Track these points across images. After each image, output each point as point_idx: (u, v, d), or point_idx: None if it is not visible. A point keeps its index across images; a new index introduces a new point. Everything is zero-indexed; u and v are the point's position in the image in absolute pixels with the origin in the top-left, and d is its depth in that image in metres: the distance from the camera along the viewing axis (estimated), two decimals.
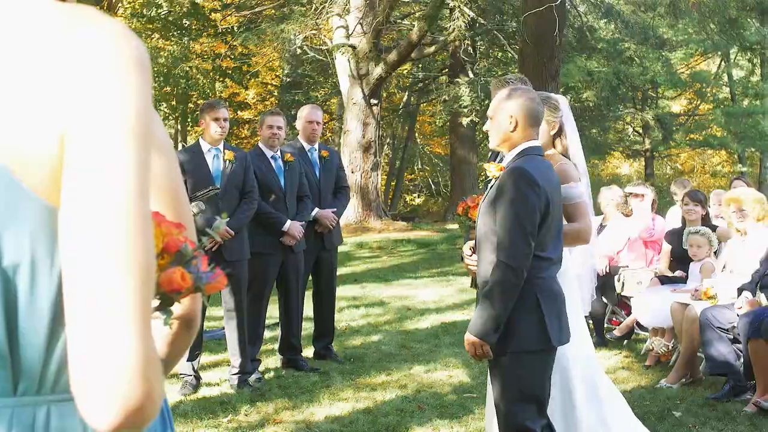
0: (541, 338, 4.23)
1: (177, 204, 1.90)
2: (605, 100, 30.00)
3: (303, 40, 22.63)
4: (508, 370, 4.30)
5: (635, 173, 43.66)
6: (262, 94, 32.04)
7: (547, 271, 4.29)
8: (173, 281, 1.49)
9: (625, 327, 9.00)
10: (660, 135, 34.07)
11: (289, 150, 8.35)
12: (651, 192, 9.47)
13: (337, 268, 8.90)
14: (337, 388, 7.53)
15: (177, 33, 25.93)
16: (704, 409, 6.79)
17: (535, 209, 4.18)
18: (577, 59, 26.24)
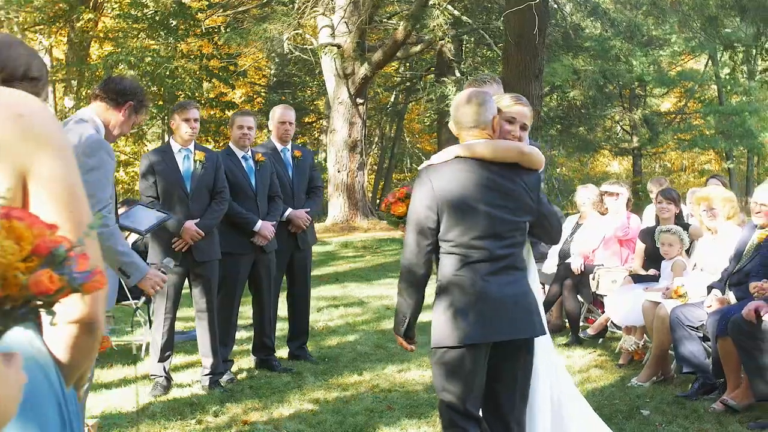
0: (452, 335, 4.24)
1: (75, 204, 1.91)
2: (592, 98, 30.05)
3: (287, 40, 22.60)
4: (432, 366, 4.39)
5: (624, 171, 43.79)
6: (249, 94, 32.01)
7: (464, 268, 4.26)
8: (40, 284, 1.49)
9: (599, 325, 9.01)
10: (647, 133, 34.14)
11: (261, 150, 8.35)
12: (626, 191, 9.48)
13: (311, 269, 8.88)
14: (308, 388, 7.53)
15: (163, 33, 25.89)
16: (673, 407, 6.81)
17: (424, 208, 4.25)
18: (563, 58, 26.25)
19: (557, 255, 9.90)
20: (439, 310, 4.30)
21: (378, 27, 25.54)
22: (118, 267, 4.88)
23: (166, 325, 7.46)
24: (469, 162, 4.33)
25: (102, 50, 27.13)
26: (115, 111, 5.08)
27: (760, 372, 6.25)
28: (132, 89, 5.17)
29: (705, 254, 7.73)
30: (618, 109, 34.38)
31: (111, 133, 5.11)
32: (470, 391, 4.29)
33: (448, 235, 4.25)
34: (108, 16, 28.05)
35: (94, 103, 5.12)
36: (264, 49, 24.39)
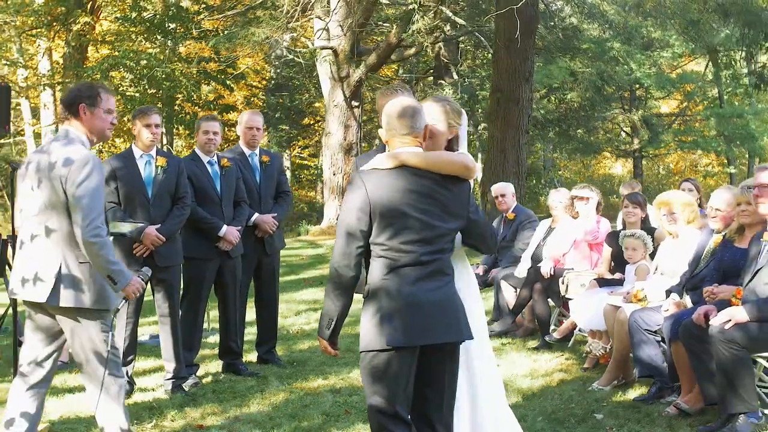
0: (380, 339, 4.28)
1: None
2: (590, 100, 30.06)
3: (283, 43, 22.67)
4: (361, 369, 4.42)
5: (628, 173, 43.70)
6: (247, 96, 32.11)
7: (392, 272, 4.30)
8: None
9: (565, 329, 9.03)
10: (647, 135, 34.11)
11: (229, 155, 8.41)
12: (596, 195, 9.49)
13: (279, 273, 8.92)
14: (270, 392, 7.57)
15: (160, 36, 26.00)
16: (628, 411, 6.83)
17: (357, 211, 4.30)
18: (559, 60, 26.27)
19: (530, 259, 9.93)
20: (367, 315, 4.34)
21: (373, 30, 25.58)
22: (107, 274, 5.17)
23: (128, 329, 7.51)
24: (405, 168, 4.38)
25: (99, 53, 27.23)
26: (78, 119, 5.32)
27: (709, 376, 6.27)
28: (75, 92, 5.39)
29: (666, 258, 7.76)
30: (618, 110, 34.38)
31: (92, 140, 5.37)
32: (399, 394, 4.33)
33: (379, 239, 4.30)
34: (106, 20, 28.15)
35: (66, 124, 5.36)
36: (254, 52, 24.40)
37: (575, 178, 44.72)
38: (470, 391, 4.90)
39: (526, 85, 18.80)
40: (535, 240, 10.05)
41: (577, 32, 27.34)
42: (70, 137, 5.30)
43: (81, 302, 5.20)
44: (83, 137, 5.32)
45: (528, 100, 19.37)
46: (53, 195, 5.16)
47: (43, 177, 5.21)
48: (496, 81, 19.18)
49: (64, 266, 5.19)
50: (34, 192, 5.27)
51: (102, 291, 5.26)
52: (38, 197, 5.24)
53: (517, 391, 7.50)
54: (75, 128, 5.33)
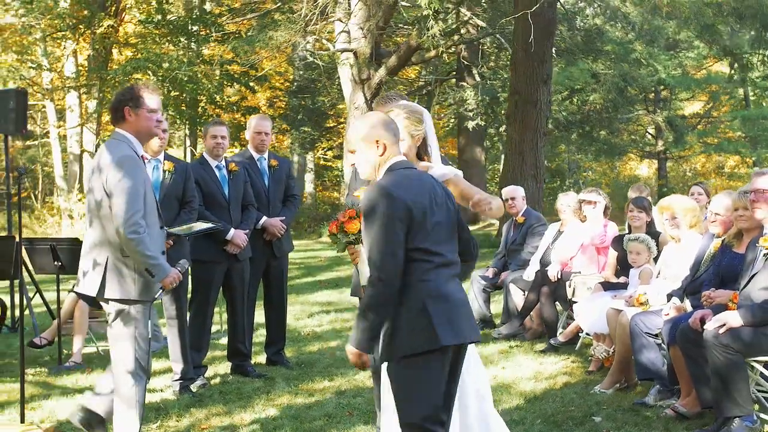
0: (430, 340, 4.31)
1: None
2: (612, 102, 29.96)
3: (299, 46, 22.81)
4: (400, 374, 4.39)
5: (653, 175, 43.52)
6: (270, 98, 32.25)
7: (433, 273, 4.37)
8: None
9: (570, 333, 9.09)
10: (671, 137, 33.98)
11: (238, 159, 8.54)
12: (603, 199, 9.54)
13: (287, 276, 9.04)
14: (276, 394, 7.69)
15: (184, 38, 26.17)
16: (627, 414, 6.88)
17: (396, 222, 4.29)
18: (580, 62, 26.21)
19: (538, 262, 9.99)
20: (408, 317, 4.33)
21: (394, 32, 25.65)
22: (145, 268, 5.55)
23: None
24: (424, 175, 4.56)
25: (122, 56, 27.45)
26: (125, 122, 5.72)
27: (705, 380, 6.32)
28: (119, 96, 5.83)
29: (668, 262, 7.81)
30: (642, 112, 34.25)
31: (142, 142, 5.83)
32: (441, 397, 4.42)
33: (415, 243, 4.34)
34: (129, 22, 28.38)
35: (116, 127, 5.78)
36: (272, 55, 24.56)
37: (601, 179, 44.58)
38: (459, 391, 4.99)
39: (545, 87, 18.80)
40: (543, 243, 10.11)
41: (600, 34, 27.27)
42: (117, 139, 5.69)
43: (126, 294, 5.61)
44: (131, 138, 5.69)
45: (546, 102, 19.37)
46: (98, 194, 5.56)
47: (92, 178, 5.64)
48: (515, 83, 19.20)
49: (111, 260, 5.59)
50: (87, 192, 5.71)
51: (147, 283, 5.64)
52: (89, 197, 5.67)
53: (520, 394, 7.56)
54: (123, 130, 5.71)
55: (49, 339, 9.37)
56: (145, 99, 5.70)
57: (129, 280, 5.62)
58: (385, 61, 22.82)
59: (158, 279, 5.63)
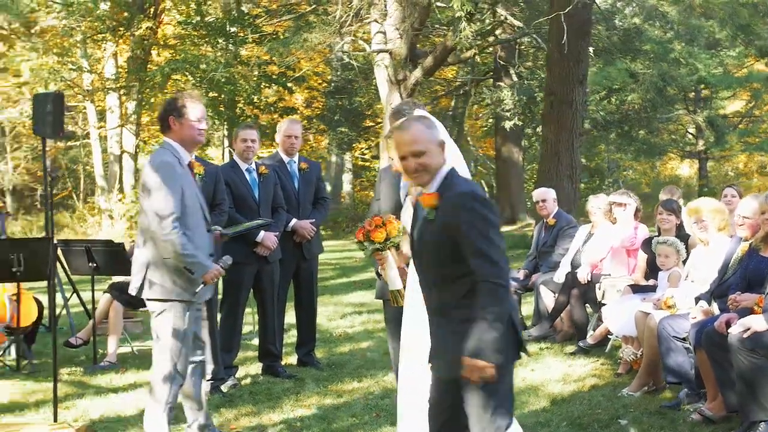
0: (516, 351, 4.38)
1: None
2: (651, 102, 29.77)
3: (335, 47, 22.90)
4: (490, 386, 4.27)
5: (694, 174, 43.15)
6: (307, 99, 32.40)
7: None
8: None
9: (599, 335, 9.09)
10: (712, 137, 33.70)
11: (268, 162, 8.64)
12: (633, 201, 9.52)
13: (317, 277, 9.12)
14: (305, 395, 7.78)
15: (222, 40, 26.37)
16: (653, 417, 6.89)
17: (497, 225, 4.33)
18: (618, 62, 26.08)
19: (569, 264, 9.99)
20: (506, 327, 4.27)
21: (430, 33, 25.66)
22: (184, 266, 5.79)
23: None
24: None
25: (161, 57, 27.70)
26: (171, 131, 6.04)
27: (731, 383, 6.31)
28: (165, 105, 6.17)
29: (696, 265, 7.78)
30: (682, 111, 33.99)
31: (188, 149, 6.09)
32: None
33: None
34: (168, 24, 28.63)
35: (164, 137, 6.12)
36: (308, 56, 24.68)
37: (641, 179, 44.32)
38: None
39: (580, 87, 18.74)
40: (574, 245, 10.10)
41: (639, 33, 27.10)
42: (164, 147, 6.02)
43: (166, 294, 5.87)
44: (176, 146, 6.00)
45: (582, 102, 19.31)
46: (142, 199, 5.95)
47: (141, 183, 6.00)
48: (550, 83, 19.17)
49: (152, 261, 5.88)
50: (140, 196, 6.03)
51: (186, 283, 5.88)
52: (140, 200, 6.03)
53: (547, 396, 7.59)
54: (169, 139, 6.02)
55: (84, 339, 9.53)
56: (188, 109, 5.99)
57: (168, 280, 5.86)
58: (421, 62, 22.84)
59: (198, 275, 5.85)
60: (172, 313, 5.89)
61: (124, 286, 9.57)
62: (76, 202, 32.70)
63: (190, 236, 5.83)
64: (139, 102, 26.46)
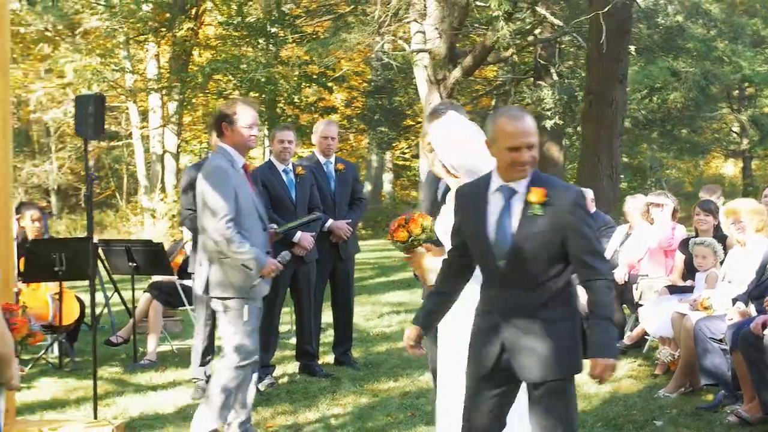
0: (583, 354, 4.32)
1: None
2: (694, 100, 29.54)
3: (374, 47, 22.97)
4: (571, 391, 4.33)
5: (739, 173, 42.74)
6: (347, 99, 32.49)
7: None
8: None
9: (635, 336, 9.07)
10: (756, 135, 33.40)
11: (305, 163, 8.71)
12: (671, 201, 9.48)
13: (354, 277, 9.18)
14: (341, 394, 7.83)
15: (263, 40, 26.51)
16: (689, 418, 6.87)
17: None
18: (660, 60, 25.91)
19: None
20: (578, 335, 4.29)
21: (469, 32, 25.63)
22: (241, 263, 6.05)
23: (206, 331, 7.88)
24: None
25: (202, 58, 27.91)
26: (223, 136, 6.30)
27: (766, 385, 6.28)
28: (218, 112, 6.45)
29: (734, 266, 7.75)
30: (726, 110, 33.71)
31: (241, 153, 6.33)
32: None
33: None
34: (209, 25, 28.84)
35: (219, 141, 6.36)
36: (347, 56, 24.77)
37: (684, 178, 43.97)
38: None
39: (620, 86, 18.66)
40: (611, 246, 10.06)
41: (681, 31, 26.90)
42: (218, 152, 6.34)
43: (227, 291, 6.14)
44: (230, 150, 6.26)
45: (622, 102, 19.22)
46: (198, 202, 6.25)
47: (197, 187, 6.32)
48: (589, 83, 19.11)
49: (213, 261, 6.16)
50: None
51: (246, 280, 6.10)
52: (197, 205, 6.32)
53: (583, 397, 7.56)
54: (223, 143, 6.29)
55: (124, 337, 9.67)
56: (239, 115, 6.23)
57: (228, 278, 6.11)
58: (461, 61, 22.83)
59: (257, 271, 6.09)
60: (234, 309, 6.15)
61: (164, 286, 9.76)
62: (120, 201, 33.07)
63: (246, 236, 6.09)
64: (181, 102, 26.69)
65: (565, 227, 4.17)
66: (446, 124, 5.21)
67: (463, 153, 4.98)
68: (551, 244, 4.18)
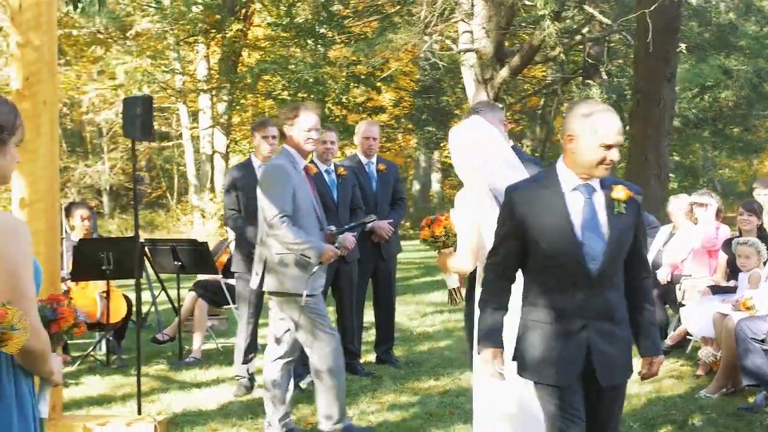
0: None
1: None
2: (746, 98, 29.18)
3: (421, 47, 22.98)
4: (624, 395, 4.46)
5: None
6: (395, 98, 32.55)
7: None
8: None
9: (677, 336, 9.03)
10: None
11: (347, 164, 8.80)
12: (715, 201, 9.41)
13: (395, 277, 9.26)
14: (381, 392, 7.91)
15: (311, 41, 26.67)
16: (729, 419, 6.84)
17: None
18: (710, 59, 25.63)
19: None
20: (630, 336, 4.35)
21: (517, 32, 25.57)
22: (300, 253, 6.29)
23: (248, 329, 8.01)
24: None
25: (251, 59, 28.12)
26: (286, 139, 6.56)
27: None
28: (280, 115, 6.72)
29: None
30: None
31: (302, 155, 6.59)
32: None
33: None
34: (258, 26, 29.05)
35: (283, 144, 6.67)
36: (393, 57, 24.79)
37: (738, 177, 43.48)
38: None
39: (668, 85, 18.49)
40: (655, 246, 10.02)
41: (734, 29, 26.60)
42: (281, 152, 6.63)
43: (280, 288, 6.37)
44: (292, 152, 6.52)
45: (670, 100, 19.05)
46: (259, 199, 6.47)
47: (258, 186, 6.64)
48: (637, 81, 18.98)
49: (269, 257, 6.38)
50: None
51: (300, 278, 6.29)
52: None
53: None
54: (286, 145, 6.58)
55: (170, 335, 9.83)
56: (300, 119, 6.47)
57: (284, 274, 6.32)
58: (508, 61, 22.80)
59: (315, 259, 6.29)
60: (291, 305, 6.34)
61: (209, 285, 9.90)
62: (170, 201, 33.47)
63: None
64: (230, 103, 26.93)
65: (637, 224, 4.22)
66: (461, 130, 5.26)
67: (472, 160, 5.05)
68: (628, 243, 4.20)
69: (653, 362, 4.28)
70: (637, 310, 4.30)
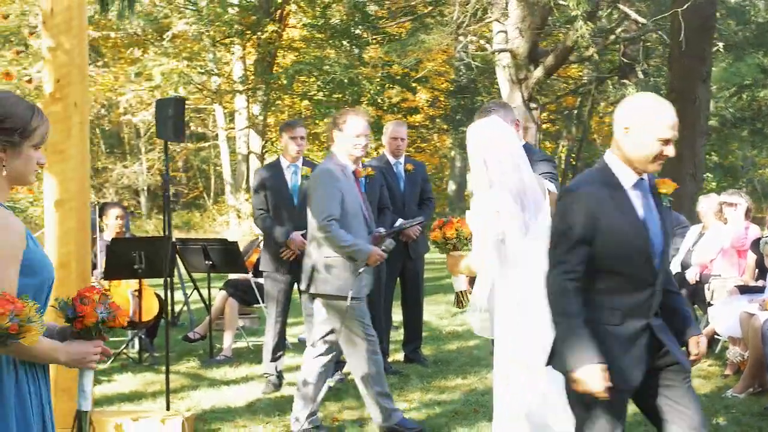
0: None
1: None
2: None
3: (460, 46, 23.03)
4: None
5: None
6: (430, 99, 32.56)
7: None
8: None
9: (705, 335, 8.98)
10: None
11: (375, 164, 8.86)
12: (745, 201, 9.39)
13: (423, 276, 9.31)
14: (408, 390, 7.98)
15: (346, 42, 26.77)
16: (754, 419, 6.84)
17: None
18: (748, 57, 25.42)
19: (679, 264, 9.91)
20: None
21: (551, 32, 25.53)
22: (347, 255, 6.41)
23: (276, 328, 8.11)
24: None
25: (286, 60, 28.25)
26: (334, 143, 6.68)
27: None
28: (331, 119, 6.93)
29: None
30: None
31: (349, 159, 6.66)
32: None
33: None
34: (294, 27, 29.19)
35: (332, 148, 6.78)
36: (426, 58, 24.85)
37: None
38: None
39: (703, 85, 18.39)
40: (685, 246, 10.01)
41: None
42: (329, 156, 6.75)
43: (326, 290, 6.50)
44: (339, 156, 6.62)
45: (705, 100, 18.93)
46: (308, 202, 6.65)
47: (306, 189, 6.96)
48: (671, 81, 18.90)
49: (318, 260, 6.50)
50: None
51: (346, 281, 6.41)
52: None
53: None
54: (334, 149, 6.67)
55: (201, 334, 9.95)
56: (347, 124, 6.56)
57: (331, 277, 6.44)
58: (543, 61, 22.77)
59: (362, 260, 6.39)
60: (337, 307, 6.44)
61: (239, 284, 10.02)
62: (207, 201, 33.72)
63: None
64: (265, 104, 27.08)
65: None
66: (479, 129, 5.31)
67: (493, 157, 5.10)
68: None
69: (699, 341, 4.25)
70: (671, 295, 4.25)
